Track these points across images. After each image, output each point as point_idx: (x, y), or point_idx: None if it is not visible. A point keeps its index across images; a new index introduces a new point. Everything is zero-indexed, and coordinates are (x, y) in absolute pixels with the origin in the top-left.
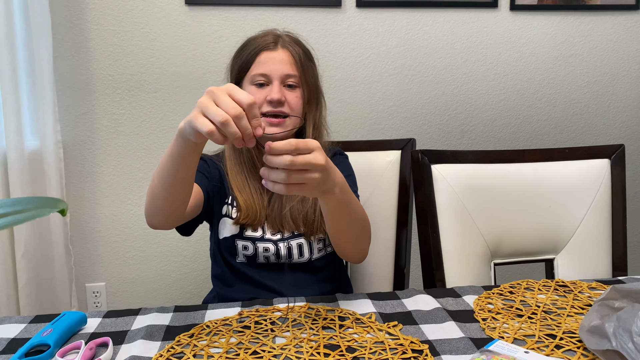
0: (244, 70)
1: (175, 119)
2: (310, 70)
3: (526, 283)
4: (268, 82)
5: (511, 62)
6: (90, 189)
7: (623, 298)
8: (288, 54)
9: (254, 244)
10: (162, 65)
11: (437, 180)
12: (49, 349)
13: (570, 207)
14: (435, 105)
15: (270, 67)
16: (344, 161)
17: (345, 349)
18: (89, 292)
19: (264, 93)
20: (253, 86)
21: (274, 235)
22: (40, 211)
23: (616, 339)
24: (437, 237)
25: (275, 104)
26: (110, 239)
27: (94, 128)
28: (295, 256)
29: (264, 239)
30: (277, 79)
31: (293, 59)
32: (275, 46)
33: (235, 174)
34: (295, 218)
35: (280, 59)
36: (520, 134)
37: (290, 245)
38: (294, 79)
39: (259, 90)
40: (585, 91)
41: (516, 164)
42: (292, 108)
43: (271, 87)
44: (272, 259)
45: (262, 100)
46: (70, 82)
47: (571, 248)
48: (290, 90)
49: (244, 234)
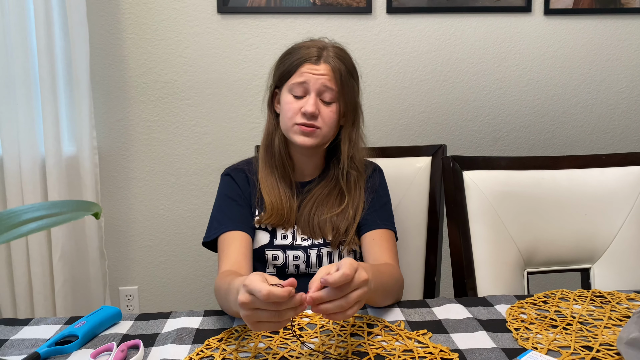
0: (284, 78)
1: (207, 125)
2: (349, 87)
3: (561, 293)
4: (305, 94)
5: (545, 67)
6: (124, 194)
7: None
8: (329, 69)
9: (284, 252)
10: (194, 72)
11: (468, 187)
12: (77, 339)
13: (607, 215)
14: (467, 111)
15: (309, 78)
16: (382, 182)
17: (374, 356)
18: (122, 295)
19: (299, 104)
20: (290, 95)
21: (305, 241)
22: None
23: None
24: (468, 245)
25: (309, 117)
26: (143, 243)
27: (128, 134)
28: (325, 264)
29: (294, 246)
30: (314, 91)
31: (333, 74)
32: (318, 60)
33: (266, 176)
34: (326, 224)
35: (320, 73)
36: (554, 141)
37: (321, 253)
38: (330, 94)
39: (295, 100)
40: (624, 96)
41: (551, 170)
42: (325, 122)
43: (307, 99)
44: (302, 268)
45: (297, 110)
46: (106, 89)
47: (608, 257)
48: (325, 105)
49: (274, 243)
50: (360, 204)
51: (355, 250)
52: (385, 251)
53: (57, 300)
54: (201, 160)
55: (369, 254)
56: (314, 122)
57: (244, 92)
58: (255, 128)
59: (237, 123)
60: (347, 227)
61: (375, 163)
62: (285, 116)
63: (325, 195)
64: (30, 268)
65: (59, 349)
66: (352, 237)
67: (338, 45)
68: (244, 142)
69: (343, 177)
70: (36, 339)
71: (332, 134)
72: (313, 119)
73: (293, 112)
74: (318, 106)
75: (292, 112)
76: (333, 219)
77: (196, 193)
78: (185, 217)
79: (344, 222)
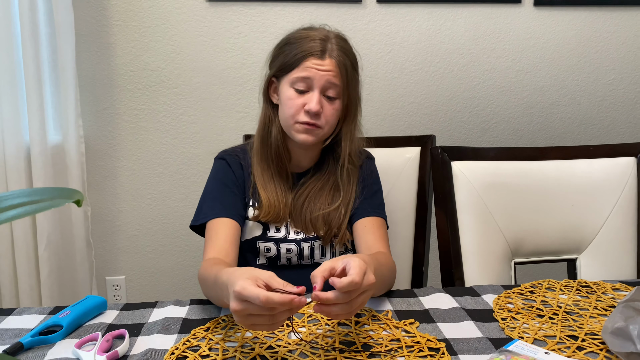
0: (285, 69)
1: (195, 114)
2: (353, 82)
3: (547, 283)
4: (308, 89)
5: (534, 58)
6: (111, 183)
7: None
8: (334, 64)
9: (276, 245)
10: (182, 61)
11: (457, 178)
12: (61, 329)
13: (594, 206)
14: (456, 103)
15: (314, 74)
16: (374, 170)
17: (361, 345)
18: (109, 285)
19: (302, 100)
20: (292, 90)
21: (298, 234)
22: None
23: None
24: (456, 235)
25: (312, 115)
26: (130, 233)
27: (115, 123)
28: (317, 257)
29: (287, 239)
30: (318, 88)
31: (338, 70)
32: (322, 54)
33: (262, 170)
34: (318, 220)
35: (325, 68)
36: (543, 132)
37: (313, 247)
38: (335, 90)
39: (298, 96)
40: (611, 88)
41: (539, 161)
42: (328, 120)
43: (310, 96)
44: (294, 260)
45: (299, 107)
46: (92, 77)
47: (594, 248)
48: (329, 102)
49: (266, 235)
50: (352, 198)
51: (345, 246)
52: (377, 239)
53: (43, 290)
54: (189, 150)
55: (361, 241)
56: (317, 121)
57: (233, 80)
58: (243, 117)
59: (225, 112)
60: (339, 223)
61: (368, 151)
62: (287, 112)
63: (318, 189)
64: (15, 258)
65: (42, 338)
66: (343, 232)
67: (340, 35)
68: (232, 132)
69: (341, 174)
70: (20, 328)
71: (333, 130)
72: (316, 117)
73: (295, 108)
74: (322, 103)
75: (294, 109)
76: (325, 215)
77: (184, 182)
78: (172, 207)
79: (336, 219)
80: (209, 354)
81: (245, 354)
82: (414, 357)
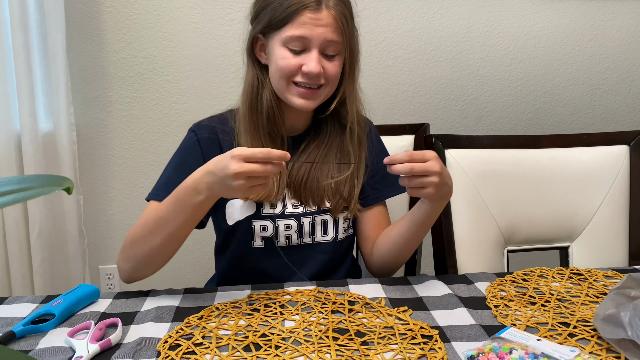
0: (275, 25)
1: (187, 102)
2: (353, 35)
3: (540, 270)
4: (304, 48)
5: (529, 46)
6: (103, 171)
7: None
8: (332, 18)
9: (273, 222)
10: (174, 48)
11: (451, 166)
12: (53, 318)
13: (587, 194)
14: (450, 91)
15: (311, 32)
16: (380, 142)
17: (354, 333)
18: (102, 274)
19: (298, 60)
20: (285, 49)
21: (296, 207)
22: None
23: (632, 328)
24: (449, 223)
25: (312, 78)
26: (123, 221)
27: (107, 111)
28: (319, 234)
29: (284, 214)
30: (316, 46)
31: (338, 23)
32: (318, 6)
33: (251, 140)
34: (322, 189)
35: (323, 23)
36: (537, 120)
37: (315, 222)
38: (335, 46)
39: (293, 56)
40: (605, 77)
41: (532, 149)
42: (329, 80)
43: (308, 56)
44: (294, 238)
45: (296, 68)
46: (83, 64)
47: (587, 236)
48: (329, 60)
49: (261, 212)
50: (362, 166)
51: (349, 220)
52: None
53: (36, 279)
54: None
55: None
56: (317, 82)
57: (226, 68)
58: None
59: (218, 100)
60: (351, 193)
61: (367, 118)
62: (280, 74)
63: (323, 156)
64: (7, 246)
65: (34, 327)
66: (355, 204)
67: None
68: None
69: (351, 139)
70: (12, 317)
71: (334, 90)
72: (316, 79)
73: (291, 70)
74: (322, 63)
75: (289, 70)
76: (335, 184)
77: None
78: None
79: (347, 189)
80: (203, 342)
81: (239, 342)
82: (407, 345)
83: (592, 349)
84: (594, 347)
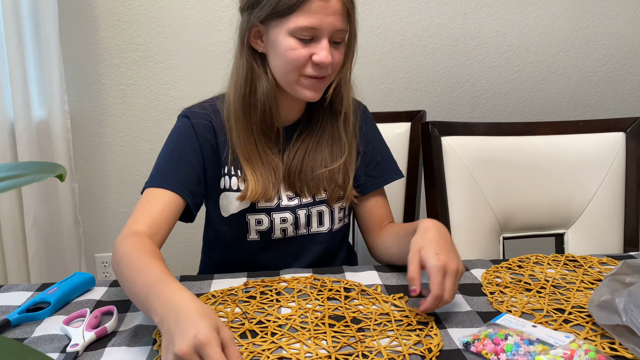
0: (281, 14)
1: (182, 89)
2: (356, 20)
3: (535, 257)
4: (313, 37)
5: (525, 33)
6: (98, 159)
7: (634, 273)
8: (341, 4)
9: (269, 216)
10: (169, 34)
11: (447, 153)
12: (49, 306)
13: (583, 181)
14: (446, 78)
15: (322, 21)
16: (375, 127)
17: (350, 320)
18: (98, 262)
19: (308, 51)
20: (293, 38)
21: (291, 200)
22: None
23: (627, 314)
24: (445, 211)
25: (321, 68)
26: (119, 210)
27: (101, 99)
28: (315, 225)
29: (280, 207)
30: (326, 35)
31: (345, 10)
32: None
33: (246, 138)
34: (317, 178)
35: (332, 10)
36: (532, 108)
37: (310, 213)
38: (342, 34)
39: (302, 46)
40: (601, 64)
41: (528, 136)
42: (334, 68)
43: (318, 45)
44: (289, 231)
45: (305, 58)
46: (77, 51)
47: (582, 223)
48: (335, 48)
49: (256, 206)
50: (354, 153)
51: (344, 209)
52: (387, 211)
53: (31, 267)
54: None
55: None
56: (325, 74)
57: (220, 55)
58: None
59: (213, 87)
60: (346, 180)
61: (359, 101)
62: (291, 66)
63: (316, 144)
64: (2, 235)
65: (30, 315)
66: (350, 192)
67: None
68: None
69: (346, 127)
70: (7, 305)
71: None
72: (326, 68)
73: (301, 61)
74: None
75: (299, 62)
76: (329, 173)
77: None
78: None
79: (341, 176)
80: None
81: (235, 329)
82: (403, 331)
83: (586, 335)
84: (588, 333)
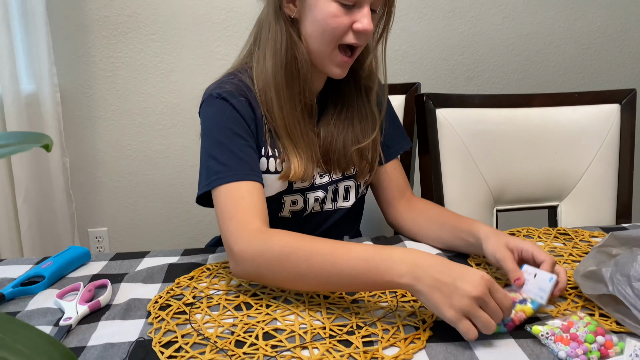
0: None
1: (173, 62)
2: None
3: (526, 230)
4: (355, 4)
5: (520, 4)
6: (89, 134)
7: (621, 245)
8: None
9: (303, 196)
10: (159, 6)
11: (441, 125)
12: (43, 280)
13: (577, 153)
14: (441, 50)
15: None
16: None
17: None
18: (91, 237)
19: (350, 18)
20: (335, 3)
21: (323, 177)
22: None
23: (613, 283)
24: (439, 183)
25: (363, 37)
26: (111, 184)
27: (90, 72)
28: (340, 200)
29: (314, 186)
30: (369, 2)
31: None
32: None
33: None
34: (349, 155)
35: None
36: (527, 80)
37: (338, 188)
38: (380, 2)
39: (345, 12)
40: (596, 36)
41: (523, 108)
42: (368, 38)
43: (360, 12)
44: (316, 208)
45: (347, 26)
46: (65, 23)
47: (576, 195)
48: (372, 17)
49: (292, 187)
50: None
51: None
52: (405, 180)
53: (24, 242)
54: (168, 99)
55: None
56: (364, 43)
57: (212, 26)
58: (224, 65)
59: (205, 59)
60: (375, 155)
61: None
62: (331, 35)
63: (346, 119)
64: None
65: (24, 289)
66: (377, 164)
67: None
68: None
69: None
70: (1, 278)
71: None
72: (365, 38)
73: (343, 29)
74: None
75: (340, 30)
76: (361, 149)
77: (164, 133)
78: (153, 158)
79: (372, 152)
80: (193, 302)
81: (229, 302)
82: (397, 302)
83: (567, 306)
84: (569, 304)
